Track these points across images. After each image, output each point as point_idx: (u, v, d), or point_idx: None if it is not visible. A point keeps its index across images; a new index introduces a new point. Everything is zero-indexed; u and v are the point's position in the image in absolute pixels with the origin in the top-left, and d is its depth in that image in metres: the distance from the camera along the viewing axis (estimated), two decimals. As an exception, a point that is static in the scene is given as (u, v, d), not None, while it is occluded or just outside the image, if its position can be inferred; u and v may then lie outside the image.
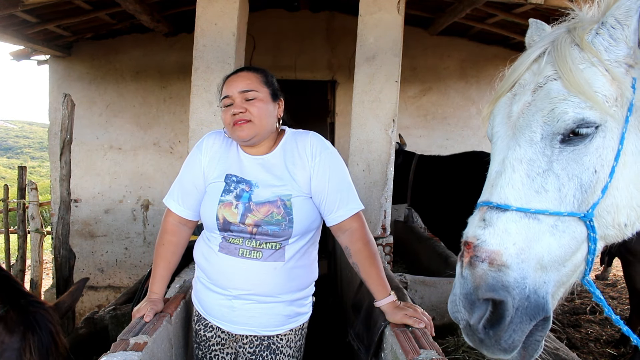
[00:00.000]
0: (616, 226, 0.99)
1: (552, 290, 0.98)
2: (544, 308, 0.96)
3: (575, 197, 0.97)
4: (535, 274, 0.95)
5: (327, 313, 4.01)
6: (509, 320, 0.94)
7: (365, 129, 3.69)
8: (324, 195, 1.70)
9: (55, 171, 5.95)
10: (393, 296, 1.77)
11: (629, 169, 0.98)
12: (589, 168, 0.97)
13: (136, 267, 6.39)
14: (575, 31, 1.01)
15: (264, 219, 1.64)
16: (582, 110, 0.96)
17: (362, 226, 1.77)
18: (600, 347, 4.35)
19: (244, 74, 1.73)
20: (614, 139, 0.98)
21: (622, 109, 0.98)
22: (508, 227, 0.96)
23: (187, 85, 3.88)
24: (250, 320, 1.71)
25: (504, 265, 0.94)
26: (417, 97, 6.55)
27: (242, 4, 3.75)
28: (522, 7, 4.55)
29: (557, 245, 0.96)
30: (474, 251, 0.97)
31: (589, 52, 0.98)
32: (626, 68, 0.99)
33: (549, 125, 0.99)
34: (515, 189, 0.98)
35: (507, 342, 0.95)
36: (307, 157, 1.72)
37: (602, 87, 0.97)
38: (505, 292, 0.93)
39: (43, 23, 5.05)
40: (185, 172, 1.82)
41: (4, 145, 44.97)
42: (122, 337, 1.62)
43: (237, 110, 1.66)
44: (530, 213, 0.96)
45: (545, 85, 1.01)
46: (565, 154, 0.98)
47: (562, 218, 0.96)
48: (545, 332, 0.98)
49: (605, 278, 7.01)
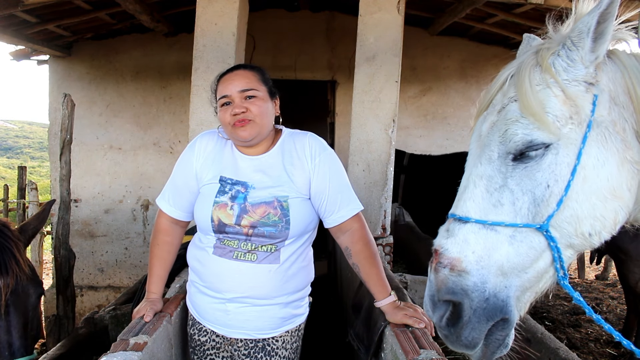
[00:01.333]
0: (580, 236, 1.05)
1: (516, 294, 1.05)
2: (502, 310, 1.04)
3: (529, 210, 1.04)
4: (496, 279, 1.04)
5: (327, 313, 4.01)
6: (467, 320, 1.04)
7: (365, 129, 3.69)
8: (325, 196, 1.68)
9: (55, 171, 5.95)
10: (393, 296, 1.76)
11: (591, 182, 1.03)
12: (542, 183, 1.04)
13: (136, 267, 6.39)
14: (540, 53, 1.09)
15: (260, 220, 1.61)
16: (531, 131, 1.04)
17: (363, 226, 1.75)
18: (600, 347, 4.36)
19: (242, 72, 1.68)
20: (569, 155, 1.04)
21: (579, 126, 1.04)
22: (467, 237, 1.06)
23: (187, 85, 3.89)
24: (245, 323, 1.69)
25: (463, 270, 1.04)
26: (417, 97, 6.55)
27: (242, 4, 3.75)
28: (522, 7, 4.55)
29: (515, 253, 1.04)
30: (438, 258, 1.07)
31: (548, 74, 1.05)
32: (586, 86, 1.05)
33: (503, 145, 1.08)
34: (476, 202, 1.08)
35: (467, 338, 1.04)
36: (306, 158, 1.69)
37: (553, 107, 1.04)
38: (463, 295, 1.04)
39: (43, 23, 5.05)
40: (178, 172, 1.79)
41: (4, 145, 44.99)
42: (122, 337, 1.62)
43: (239, 110, 1.62)
44: (488, 225, 1.05)
45: (507, 106, 1.09)
46: (518, 171, 1.06)
47: (518, 229, 1.04)
48: (505, 332, 1.06)
49: (605, 278, 7.02)
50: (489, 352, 1.07)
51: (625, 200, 1.05)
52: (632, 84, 1.06)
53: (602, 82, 1.06)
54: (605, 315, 5.16)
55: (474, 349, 1.06)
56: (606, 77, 1.07)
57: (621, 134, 1.05)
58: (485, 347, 1.06)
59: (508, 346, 1.08)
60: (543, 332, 2.43)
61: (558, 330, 4.72)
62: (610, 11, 1.00)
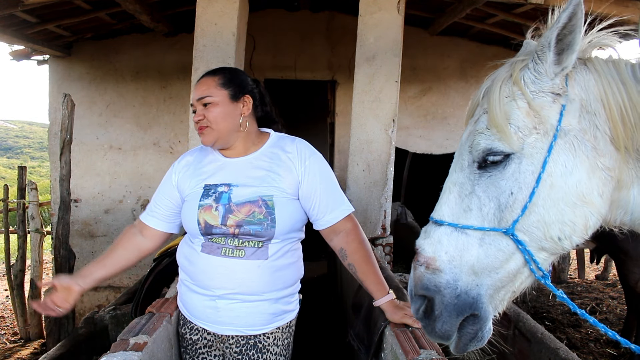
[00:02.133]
0: (549, 240, 1.10)
1: (489, 292, 1.13)
2: (471, 306, 1.12)
3: (495, 215, 1.11)
4: (468, 278, 1.12)
5: (327, 313, 4.01)
6: (438, 314, 1.13)
7: (365, 129, 3.69)
8: (316, 199, 1.70)
9: (55, 171, 5.95)
10: (392, 294, 1.76)
11: (558, 189, 1.07)
12: (505, 191, 1.10)
13: (136, 267, 6.38)
14: (513, 65, 1.14)
15: (246, 218, 1.63)
16: (492, 142, 1.11)
17: (356, 226, 1.77)
18: (600, 347, 4.36)
19: (203, 79, 1.73)
20: (534, 163, 1.09)
21: (545, 135, 1.09)
22: (441, 239, 1.14)
23: (187, 85, 3.89)
24: (235, 320, 1.69)
25: (437, 269, 1.13)
26: (417, 97, 6.55)
27: (242, 4, 3.76)
28: (522, 7, 4.55)
29: (485, 254, 1.11)
30: (417, 257, 1.17)
31: (516, 86, 1.11)
32: (553, 97, 1.09)
33: (470, 154, 1.16)
34: (450, 207, 1.17)
35: (440, 330, 1.13)
36: (293, 162, 1.71)
37: (516, 118, 1.10)
38: (435, 291, 1.13)
39: (43, 23, 5.06)
40: (161, 185, 1.87)
41: (4, 145, 44.99)
42: (122, 337, 1.62)
43: (196, 118, 1.70)
44: (459, 228, 1.13)
45: (480, 117, 1.16)
46: (484, 178, 1.13)
47: (487, 232, 1.12)
48: (477, 327, 1.13)
49: (605, 278, 7.02)
50: (461, 344, 1.15)
51: (597, 205, 1.08)
52: (604, 91, 1.08)
53: (574, 91, 1.10)
54: (605, 315, 5.16)
55: (448, 340, 1.15)
56: (578, 86, 1.10)
57: (592, 141, 1.08)
58: (458, 339, 1.15)
59: (483, 340, 1.15)
60: (543, 332, 2.44)
61: (558, 330, 4.72)
62: (574, 23, 1.02)
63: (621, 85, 1.07)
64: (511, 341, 2.54)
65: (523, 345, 2.49)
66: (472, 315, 1.13)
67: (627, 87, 1.07)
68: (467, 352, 1.18)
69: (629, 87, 1.07)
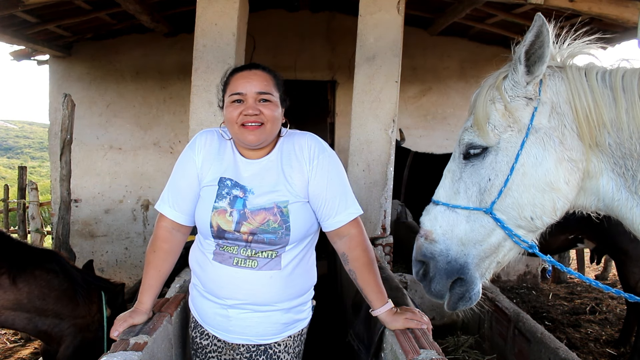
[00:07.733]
0: (523, 219, 1.32)
1: (475, 261, 1.37)
2: (458, 271, 1.37)
3: (477, 197, 1.36)
4: (457, 248, 1.37)
5: (327, 313, 4.01)
6: (432, 276, 1.40)
7: (365, 129, 3.69)
8: (322, 199, 1.63)
9: (55, 171, 5.95)
10: (390, 303, 1.73)
11: (529, 176, 1.29)
12: (485, 177, 1.35)
13: (136, 267, 6.39)
14: (499, 74, 1.36)
15: (260, 227, 1.57)
16: (473, 137, 1.37)
17: (361, 232, 1.69)
18: (600, 347, 4.36)
19: (260, 73, 1.62)
20: (509, 155, 1.32)
21: (519, 132, 1.31)
22: (437, 216, 1.40)
23: (187, 85, 3.89)
24: (246, 329, 1.66)
25: (433, 240, 1.40)
26: (417, 97, 6.55)
27: (242, 4, 3.76)
28: (522, 7, 4.55)
29: (470, 229, 1.36)
30: (420, 230, 1.44)
31: (497, 91, 1.34)
32: (526, 101, 1.32)
33: (459, 147, 1.42)
34: (445, 190, 1.43)
35: (435, 289, 1.41)
36: (304, 159, 1.64)
37: (494, 118, 1.33)
38: (430, 258, 1.40)
39: (43, 23, 5.06)
40: (179, 173, 1.70)
41: (4, 145, 44.99)
42: (122, 337, 1.62)
43: (252, 112, 1.56)
44: (450, 207, 1.39)
45: (470, 117, 1.41)
46: (468, 167, 1.39)
47: (471, 211, 1.36)
48: (463, 289, 1.38)
49: (605, 278, 7.02)
50: (452, 302, 1.40)
51: (563, 191, 1.29)
52: (572, 96, 1.27)
53: (546, 95, 1.31)
54: (605, 315, 5.16)
55: (442, 299, 1.42)
56: (550, 90, 1.31)
57: (560, 137, 1.29)
58: (449, 298, 1.40)
59: (471, 300, 1.39)
60: (543, 332, 2.44)
61: (558, 330, 4.72)
62: (542, 40, 1.25)
63: (588, 90, 1.26)
64: (511, 341, 2.54)
65: (523, 345, 2.49)
66: (459, 279, 1.38)
67: (594, 92, 1.25)
68: (457, 310, 1.42)
69: (595, 92, 1.25)
